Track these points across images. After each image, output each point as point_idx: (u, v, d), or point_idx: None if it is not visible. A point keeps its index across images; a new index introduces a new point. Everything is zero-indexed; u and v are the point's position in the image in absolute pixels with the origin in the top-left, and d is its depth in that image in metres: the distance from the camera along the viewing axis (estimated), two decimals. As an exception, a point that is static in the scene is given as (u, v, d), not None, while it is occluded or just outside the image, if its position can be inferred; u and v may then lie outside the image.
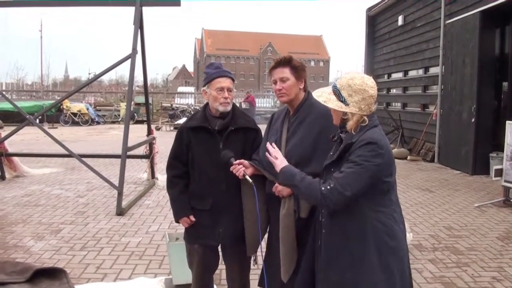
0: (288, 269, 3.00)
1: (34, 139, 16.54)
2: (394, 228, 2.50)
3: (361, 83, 2.50)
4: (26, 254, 5.28)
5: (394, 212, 2.54)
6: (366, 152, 2.41)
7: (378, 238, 2.45)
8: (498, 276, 4.87)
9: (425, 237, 6.05)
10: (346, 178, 2.39)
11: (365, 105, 2.51)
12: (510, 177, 7.50)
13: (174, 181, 3.40)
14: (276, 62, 3.13)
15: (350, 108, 2.51)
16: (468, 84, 10.82)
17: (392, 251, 2.48)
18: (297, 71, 3.09)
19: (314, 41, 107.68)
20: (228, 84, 3.25)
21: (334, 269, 2.54)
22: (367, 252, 2.45)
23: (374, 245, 2.45)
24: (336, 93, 2.55)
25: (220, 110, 3.25)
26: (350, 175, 2.39)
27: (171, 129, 22.97)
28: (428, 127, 13.16)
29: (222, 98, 3.21)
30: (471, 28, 10.68)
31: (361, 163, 2.39)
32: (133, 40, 8.11)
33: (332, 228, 2.54)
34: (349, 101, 2.51)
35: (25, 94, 42.67)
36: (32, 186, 8.97)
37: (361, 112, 2.51)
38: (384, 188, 2.48)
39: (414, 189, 9.02)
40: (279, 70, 3.10)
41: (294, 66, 3.08)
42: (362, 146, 2.43)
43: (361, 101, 2.50)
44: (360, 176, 2.39)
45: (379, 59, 17.81)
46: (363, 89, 2.50)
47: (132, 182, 9.41)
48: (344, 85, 2.52)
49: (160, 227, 6.35)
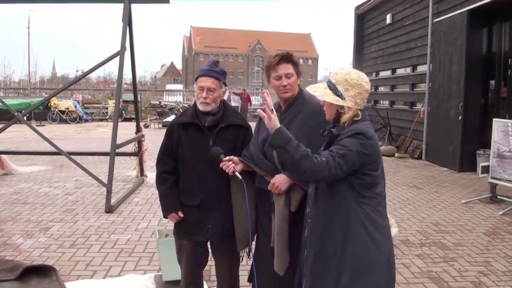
0: (285, 262, 3.03)
1: (22, 136, 16.43)
2: (377, 220, 2.53)
3: (358, 78, 2.55)
4: (16, 252, 5.27)
5: (379, 205, 2.57)
6: (353, 140, 2.45)
7: (361, 229, 2.49)
8: (485, 270, 4.94)
9: (412, 233, 6.12)
10: (337, 156, 2.42)
11: (361, 100, 2.56)
12: (497, 174, 7.59)
13: (164, 177, 3.40)
14: (281, 57, 3.11)
15: (347, 102, 2.55)
16: (456, 82, 10.92)
17: (376, 243, 2.51)
18: (297, 68, 3.14)
19: (303, 39, 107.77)
20: (208, 84, 3.21)
21: (319, 259, 2.58)
22: (354, 243, 2.48)
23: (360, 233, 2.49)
24: (331, 88, 2.58)
25: (200, 109, 3.25)
26: (339, 154, 2.42)
27: (160, 126, 22.91)
28: (415, 124, 13.25)
29: (202, 97, 3.22)
30: (459, 27, 10.77)
31: (345, 145, 2.44)
32: (122, 37, 8.08)
33: (318, 217, 2.58)
34: (345, 95, 2.54)
35: (12, 92, 42.35)
36: (20, 184, 8.92)
37: (356, 106, 2.56)
38: (368, 181, 2.51)
39: (402, 186, 9.10)
40: (284, 66, 3.09)
41: (295, 62, 3.12)
42: (350, 135, 2.47)
43: (357, 95, 2.55)
44: (347, 156, 2.42)
45: (368, 57, 17.88)
46: (359, 83, 2.54)
47: (121, 179, 9.39)
48: (340, 79, 2.56)
49: (150, 224, 6.35)
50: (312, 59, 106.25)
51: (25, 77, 61.72)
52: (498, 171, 7.57)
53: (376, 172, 2.53)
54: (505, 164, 7.46)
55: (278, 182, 3.01)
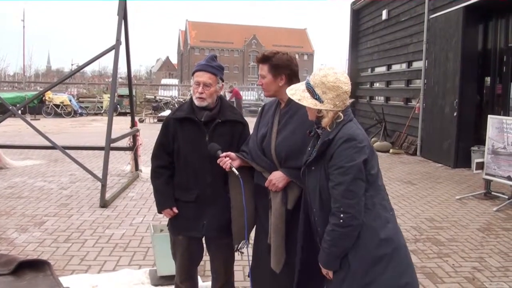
0: (281, 259, 3.02)
1: (16, 130, 16.37)
2: (383, 215, 2.51)
3: (335, 80, 2.49)
4: (10, 246, 5.25)
5: (383, 200, 2.55)
6: (348, 151, 2.42)
7: (371, 228, 2.46)
8: (479, 266, 4.96)
9: (407, 229, 6.13)
10: (344, 197, 2.39)
11: (340, 101, 2.51)
12: (491, 170, 7.62)
13: (159, 172, 3.38)
14: (257, 59, 3.18)
15: (325, 105, 2.50)
16: (451, 79, 10.94)
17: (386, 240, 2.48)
18: (276, 69, 3.08)
19: (299, 35, 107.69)
20: (204, 79, 3.20)
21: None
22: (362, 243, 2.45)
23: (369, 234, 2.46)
24: (310, 91, 2.54)
25: (196, 104, 3.24)
26: (344, 191, 2.39)
27: (155, 121, 22.88)
28: (411, 120, 13.28)
29: (198, 92, 3.20)
30: (455, 23, 10.78)
31: (346, 165, 2.40)
32: (117, 31, 8.03)
33: (326, 226, 2.51)
34: (323, 98, 2.50)
35: (7, 85, 42.16)
36: (15, 178, 8.89)
37: (336, 109, 2.51)
38: (370, 179, 2.48)
39: (396, 182, 9.12)
40: (260, 66, 3.14)
41: (272, 64, 3.08)
42: (342, 144, 2.43)
43: (335, 97, 2.50)
44: (354, 181, 2.39)
45: (363, 53, 17.88)
46: (337, 85, 2.49)
47: (116, 174, 9.37)
48: (317, 82, 2.51)
49: (144, 219, 6.34)
50: (307, 55, 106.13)
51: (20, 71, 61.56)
52: (492, 168, 7.60)
53: (374, 170, 2.52)
54: (500, 161, 7.48)
55: (275, 179, 3.00)
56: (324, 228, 2.52)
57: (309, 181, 2.63)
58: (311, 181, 2.60)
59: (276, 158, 3.04)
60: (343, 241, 2.42)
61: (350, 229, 2.40)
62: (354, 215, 2.38)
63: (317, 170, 2.54)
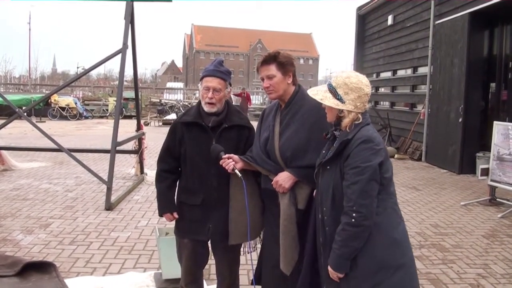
0: (290, 261, 3.01)
1: (21, 132, 16.43)
2: (395, 219, 2.55)
3: (357, 82, 2.56)
4: (16, 248, 5.27)
5: (395, 204, 2.59)
6: (365, 152, 2.45)
7: (382, 231, 2.49)
8: (483, 273, 4.95)
9: (411, 235, 6.12)
10: (358, 196, 2.42)
11: (361, 103, 2.57)
12: (496, 177, 7.60)
13: (163, 175, 3.39)
14: (262, 60, 3.14)
15: (347, 105, 2.56)
16: (456, 85, 10.93)
17: (396, 243, 2.52)
18: (283, 67, 3.08)
19: (304, 39, 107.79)
20: (214, 84, 3.19)
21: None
22: (371, 245, 2.48)
23: (379, 237, 2.48)
24: (332, 91, 2.59)
25: (205, 109, 3.23)
26: (358, 190, 2.42)
27: (160, 124, 22.92)
28: (416, 126, 13.26)
29: (207, 98, 3.20)
30: (460, 29, 10.78)
31: (362, 166, 2.43)
32: (124, 35, 8.06)
33: (336, 225, 2.54)
34: (345, 99, 2.56)
35: (13, 87, 42.30)
36: (20, 180, 8.93)
37: (356, 110, 2.56)
38: (383, 182, 2.51)
39: (401, 187, 9.10)
40: (265, 68, 3.10)
41: (280, 62, 3.07)
42: (360, 144, 2.47)
43: (357, 99, 2.55)
44: (368, 182, 2.43)
45: (368, 58, 17.89)
46: (359, 87, 2.55)
47: (121, 177, 9.40)
48: (340, 83, 2.57)
49: (149, 222, 6.36)
50: (312, 59, 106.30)
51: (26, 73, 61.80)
52: (497, 174, 7.58)
53: (387, 174, 2.54)
54: (505, 167, 7.47)
55: (281, 180, 3.00)
56: (333, 228, 2.54)
57: (322, 180, 2.66)
58: (325, 180, 2.63)
59: (281, 159, 3.04)
60: (354, 241, 2.45)
61: (361, 229, 2.43)
62: (366, 215, 2.42)
63: (332, 169, 2.58)
